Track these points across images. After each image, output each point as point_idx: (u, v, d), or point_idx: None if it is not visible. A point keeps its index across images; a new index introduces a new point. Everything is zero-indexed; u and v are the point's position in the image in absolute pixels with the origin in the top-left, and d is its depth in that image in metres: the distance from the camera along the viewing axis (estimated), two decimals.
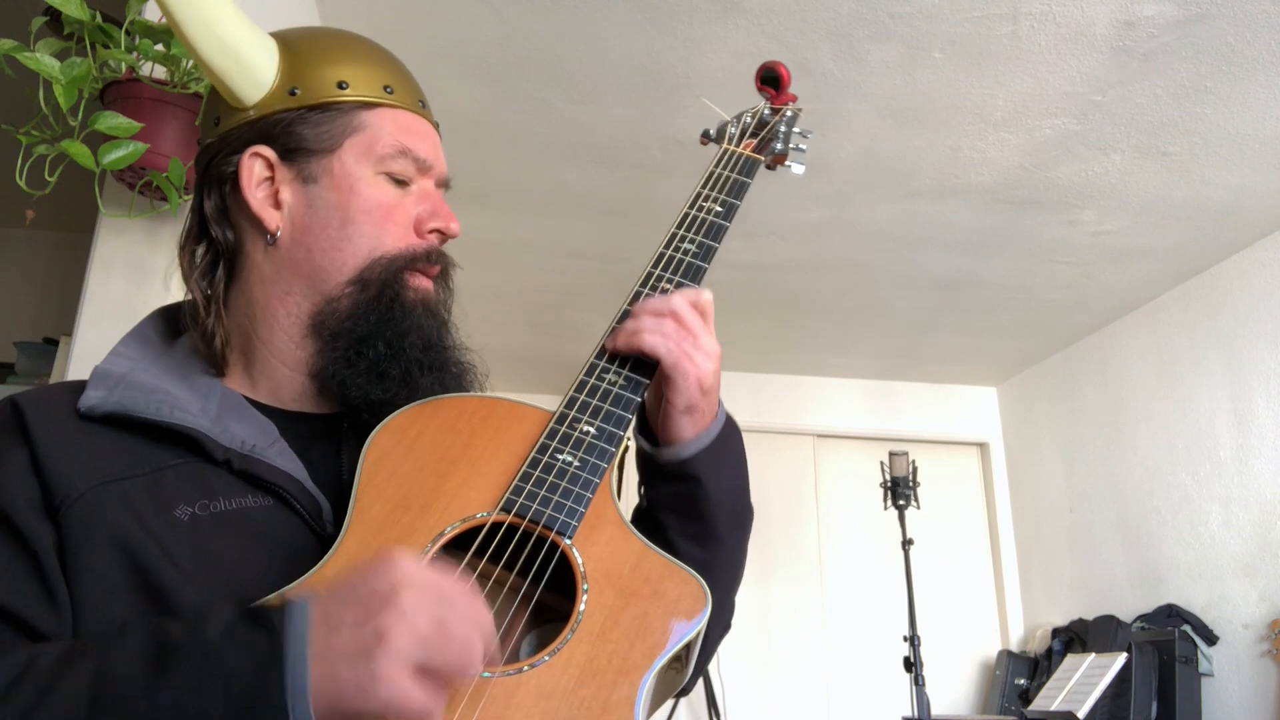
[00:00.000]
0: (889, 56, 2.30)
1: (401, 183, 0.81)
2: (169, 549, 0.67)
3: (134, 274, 1.40)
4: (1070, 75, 2.36)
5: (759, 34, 2.23)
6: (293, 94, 0.79)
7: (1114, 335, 3.91)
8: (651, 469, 0.81)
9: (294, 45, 0.82)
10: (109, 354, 0.77)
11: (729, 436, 0.82)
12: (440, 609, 0.54)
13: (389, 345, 0.77)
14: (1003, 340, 4.15)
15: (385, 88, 0.82)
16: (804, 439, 4.50)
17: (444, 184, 0.87)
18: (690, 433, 0.78)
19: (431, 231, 0.83)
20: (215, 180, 0.80)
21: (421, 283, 0.82)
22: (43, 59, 1.19)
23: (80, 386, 0.74)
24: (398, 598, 0.53)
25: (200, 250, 0.82)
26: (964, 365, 4.45)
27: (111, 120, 1.23)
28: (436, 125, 0.87)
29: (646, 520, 0.81)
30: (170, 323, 0.84)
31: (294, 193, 0.79)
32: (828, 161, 2.75)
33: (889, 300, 3.75)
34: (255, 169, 0.79)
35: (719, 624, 0.84)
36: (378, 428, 0.74)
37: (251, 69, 0.79)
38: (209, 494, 0.71)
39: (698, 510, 0.79)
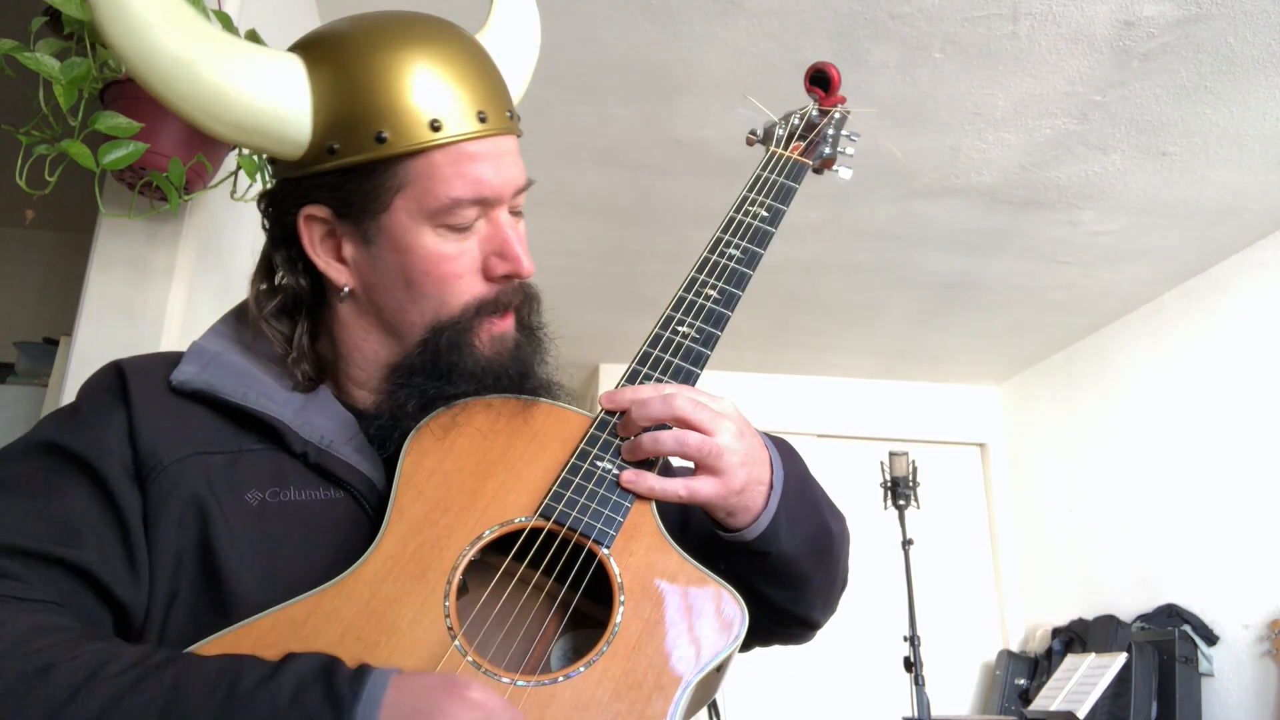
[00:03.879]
0: (889, 56, 2.30)
1: (462, 230, 0.76)
2: (234, 530, 0.68)
3: (134, 274, 1.39)
4: (1070, 75, 2.36)
5: (759, 34, 2.23)
6: (331, 152, 0.73)
7: (1114, 335, 3.91)
8: (720, 544, 0.76)
9: (325, 70, 0.74)
10: (207, 330, 0.79)
11: (789, 489, 0.77)
12: None
13: (437, 382, 0.76)
14: (1003, 340, 4.15)
15: (432, 123, 0.73)
16: (804, 439, 4.50)
17: (519, 192, 0.79)
18: (746, 520, 0.75)
19: (502, 276, 0.78)
20: (280, 231, 0.79)
21: (497, 328, 0.78)
22: (43, 59, 1.18)
23: (175, 359, 0.75)
24: (452, 714, 0.53)
25: (266, 286, 0.81)
26: (964, 365, 4.45)
27: (111, 120, 1.23)
28: (507, 129, 0.77)
29: (723, 560, 0.76)
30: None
31: (356, 250, 0.77)
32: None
33: (889, 300, 3.75)
34: (314, 232, 0.77)
35: (833, 599, 0.85)
36: (418, 426, 0.74)
37: (282, 139, 0.74)
38: (281, 482, 0.72)
39: (780, 573, 0.77)
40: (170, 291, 1.39)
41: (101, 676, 0.55)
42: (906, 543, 3.30)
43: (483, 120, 0.75)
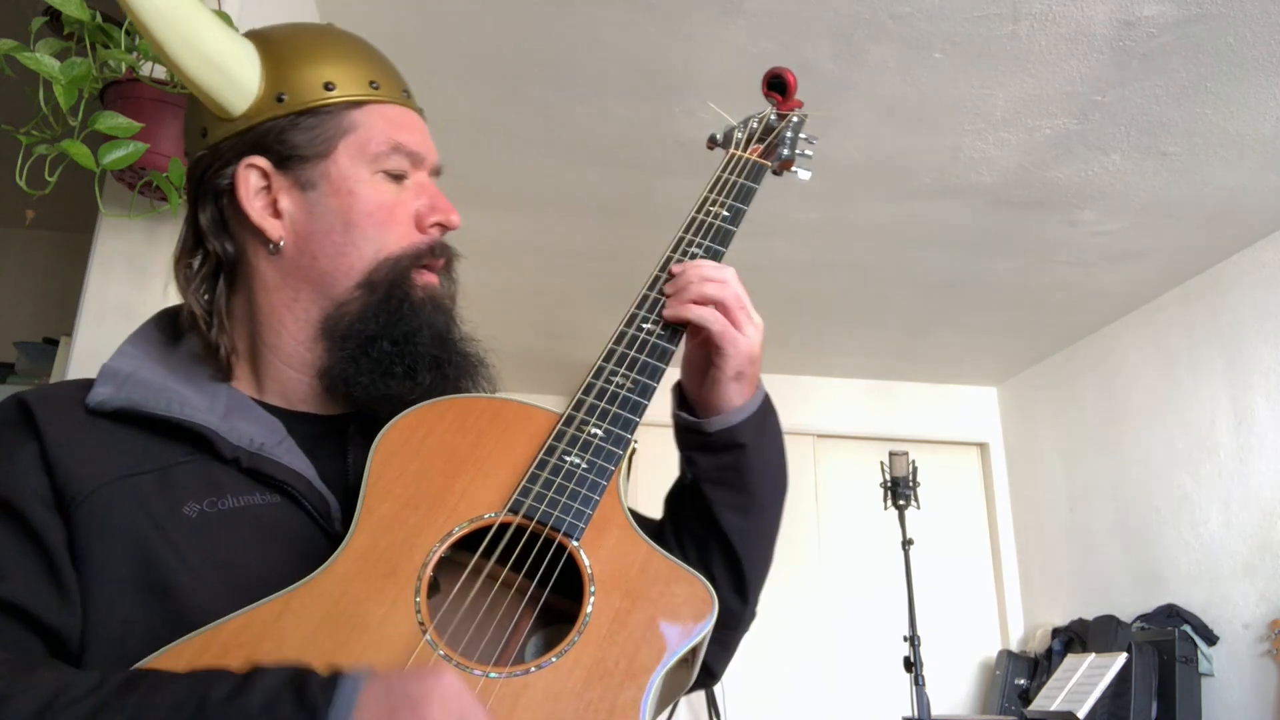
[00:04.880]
0: (889, 56, 2.30)
1: (398, 178, 0.81)
2: (178, 546, 0.67)
3: (134, 274, 1.40)
4: (1070, 75, 2.36)
5: (759, 34, 2.23)
6: (280, 100, 0.78)
7: (1114, 335, 3.91)
8: (696, 443, 0.82)
9: (274, 47, 0.81)
10: (115, 353, 0.77)
11: (770, 407, 0.85)
12: None
13: (395, 344, 0.77)
14: (1003, 340, 4.15)
15: (371, 83, 0.81)
16: (804, 439, 4.50)
17: (436, 172, 0.86)
18: (738, 400, 0.81)
19: (433, 225, 0.83)
20: (210, 193, 0.80)
21: (428, 279, 0.82)
22: (43, 59, 1.18)
23: (88, 384, 0.74)
24: (426, 708, 0.53)
25: (196, 262, 0.81)
26: (964, 365, 4.45)
27: (111, 120, 1.23)
28: (421, 112, 0.87)
29: (689, 497, 0.83)
30: (174, 324, 0.83)
31: (293, 200, 0.79)
32: (828, 161, 2.75)
33: (889, 300, 3.75)
34: (251, 180, 0.78)
35: (748, 614, 0.86)
36: (386, 427, 0.74)
37: (237, 80, 0.78)
38: (217, 491, 0.71)
39: (744, 480, 0.81)
40: (170, 292, 1.39)
41: (57, 708, 0.54)
42: (906, 543, 3.29)
43: (407, 95, 0.85)
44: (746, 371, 0.80)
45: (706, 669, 0.82)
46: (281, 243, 0.78)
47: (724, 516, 0.81)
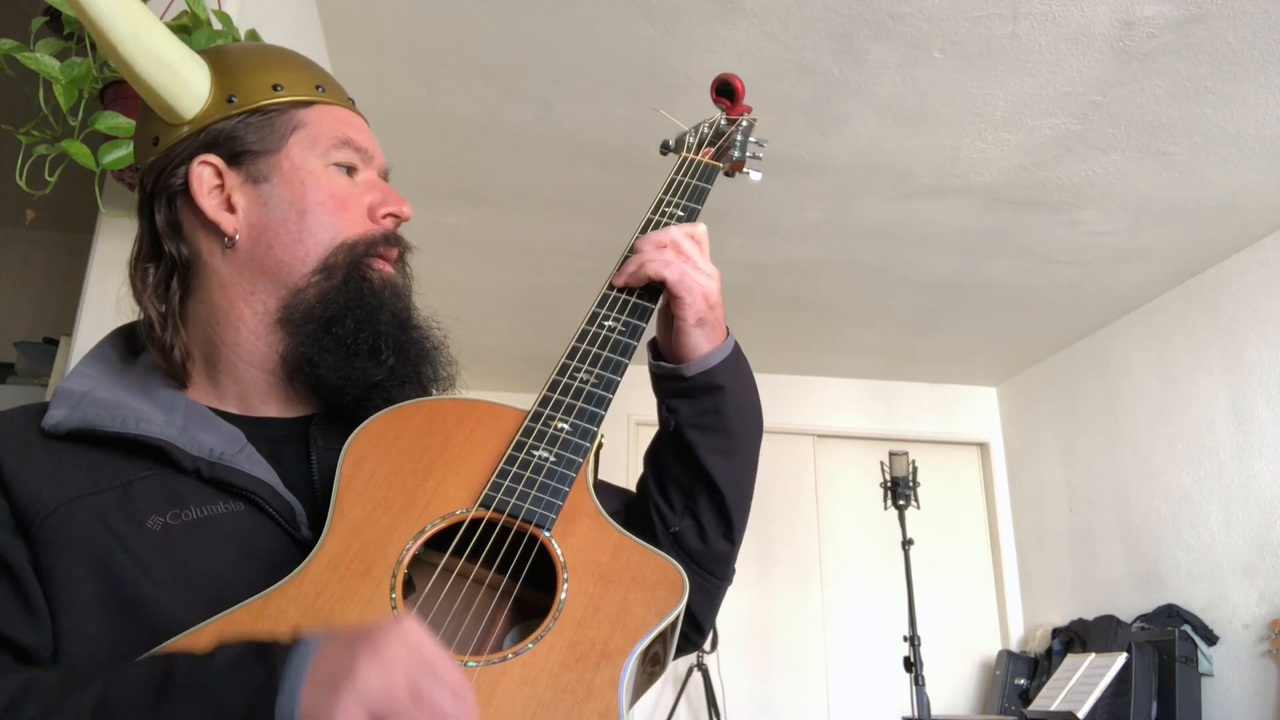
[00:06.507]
0: (889, 56, 2.30)
1: (350, 170, 0.83)
2: (143, 560, 0.67)
3: None
4: (1070, 75, 2.36)
5: (759, 34, 2.23)
6: (230, 101, 0.80)
7: (1114, 335, 3.91)
8: (676, 390, 0.84)
9: (222, 59, 0.84)
10: (69, 374, 0.78)
11: (741, 354, 0.87)
12: (422, 674, 0.53)
13: (358, 323, 0.78)
14: (1003, 340, 4.15)
15: (317, 87, 0.84)
16: (804, 439, 4.50)
17: (384, 175, 0.88)
18: (707, 345, 0.83)
19: (385, 216, 0.84)
20: (163, 195, 0.80)
21: (384, 267, 0.83)
22: (43, 59, 1.19)
23: (43, 408, 0.74)
24: (384, 647, 0.53)
25: (152, 269, 0.81)
26: (964, 365, 4.45)
27: (111, 120, 1.23)
28: (365, 119, 0.91)
29: (672, 446, 0.85)
30: (129, 341, 0.84)
31: (246, 195, 0.80)
32: (828, 161, 2.76)
33: (889, 300, 3.75)
34: (205, 176, 0.79)
35: (732, 559, 0.88)
36: (355, 431, 0.75)
37: (188, 81, 0.80)
38: (180, 503, 0.71)
39: (725, 423, 0.84)
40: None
41: (25, 700, 0.55)
42: (906, 543, 3.30)
43: (352, 103, 0.89)
44: (708, 317, 0.83)
45: (696, 626, 0.85)
46: (237, 236, 0.79)
47: (708, 460, 0.83)
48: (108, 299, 1.38)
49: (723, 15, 2.18)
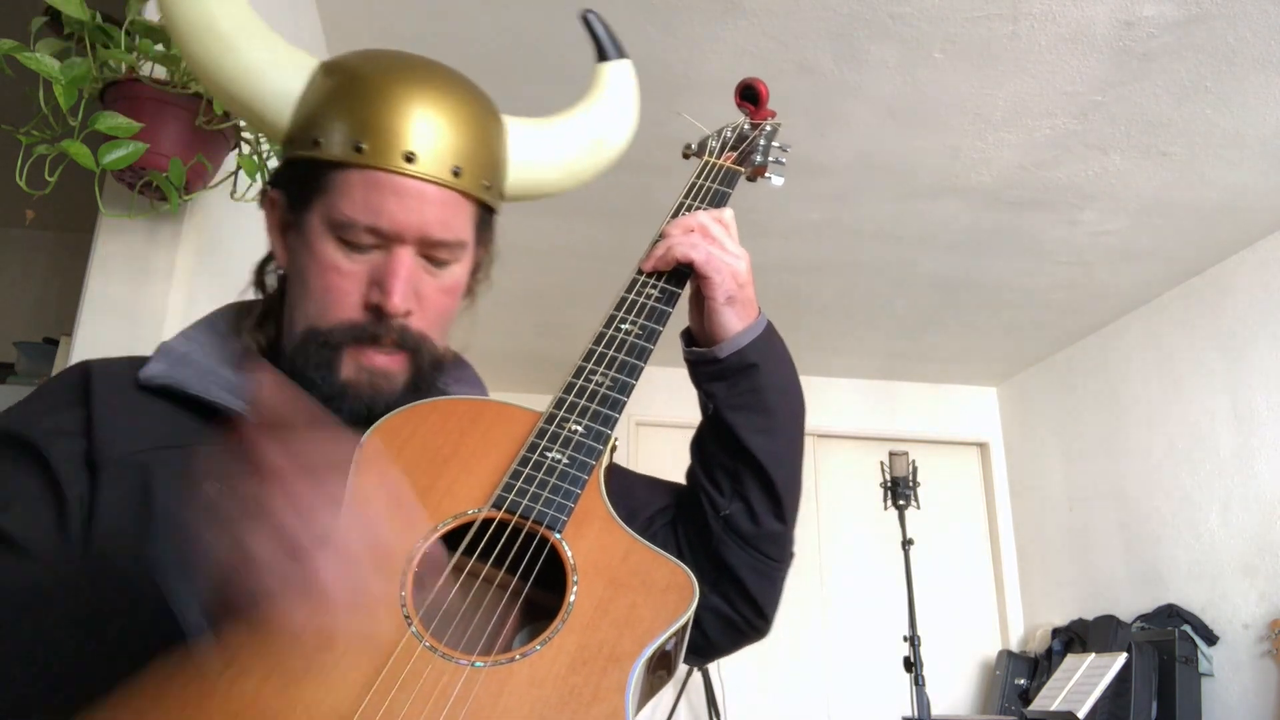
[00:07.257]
0: (889, 56, 2.30)
1: (357, 248, 0.76)
2: (183, 500, 0.69)
3: (134, 274, 1.39)
4: (1070, 75, 2.36)
5: (759, 34, 2.23)
6: (290, 143, 0.80)
7: (1114, 335, 3.91)
8: (711, 373, 0.85)
9: (317, 83, 0.79)
10: (177, 334, 0.82)
11: (774, 332, 0.88)
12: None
13: (325, 400, 0.77)
14: (1003, 340, 4.15)
15: (355, 146, 0.75)
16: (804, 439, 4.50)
17: (425, 243, 0.77)
18: (739, 324, 0.84)
19: (372, 305, 0.77)
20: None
21: (374, 361, 0.77)
22: (43, 59, 1.19)
23: (144, 360, 0.78)
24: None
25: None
26: (964, 365, 4.45)
27: (111, 120, 1.23)
28: (449, 179, 0.77)
29: (713, 431, 0.85)
30: (239, 317, 0.86)
31: (291, 237, 0.82)
32: (828, 161, 2.75)
33: (889, 300, 3.75)
34: (273, 213, 0.83)
35: (788, 540, 0.88)
36: (369, 430, 0.75)
37: (266, 121, 0.81)
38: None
39: (763, 400, 0.84)
40: (170, 291, 1.39)
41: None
42: (906, 543, 3.29)
43: (409, 161, 0.75)
44: (737, 296, 0.84)
45: (759, 612, 0.85)
46: (283, 270, 0.83)
47: (750, 440, 0.83)
48: (108, 299, 1.38)
49: (723, 15, 2.18)
